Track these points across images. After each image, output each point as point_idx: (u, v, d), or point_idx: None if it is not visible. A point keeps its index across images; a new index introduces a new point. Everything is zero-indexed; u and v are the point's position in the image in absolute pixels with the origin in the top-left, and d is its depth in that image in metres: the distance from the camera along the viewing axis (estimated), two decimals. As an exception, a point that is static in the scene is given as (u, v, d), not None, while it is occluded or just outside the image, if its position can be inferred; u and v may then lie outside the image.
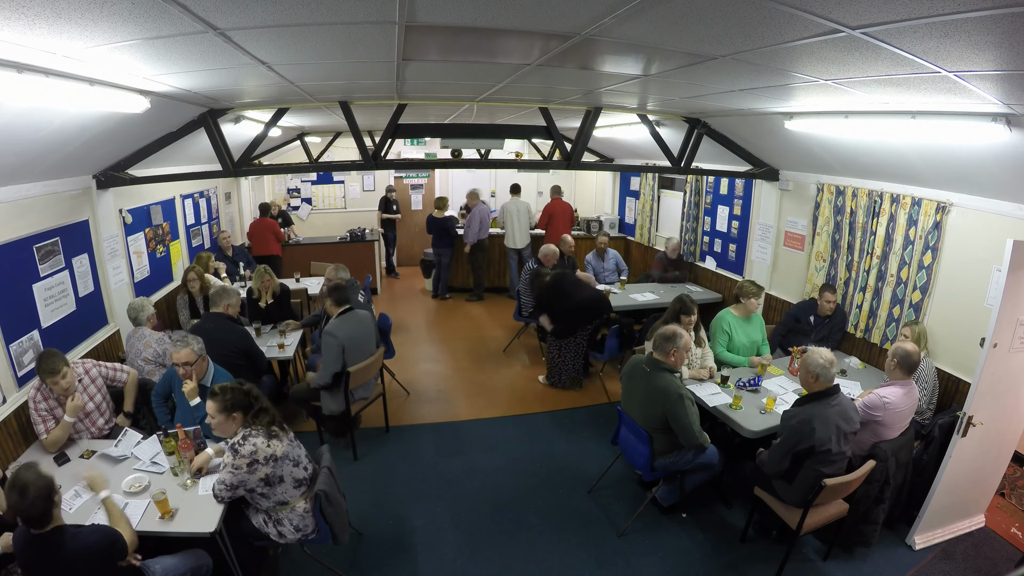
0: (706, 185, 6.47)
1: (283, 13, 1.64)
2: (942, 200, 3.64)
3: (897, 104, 2.73)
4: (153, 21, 1.61)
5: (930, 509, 3.11)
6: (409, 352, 6.04)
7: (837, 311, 4.38)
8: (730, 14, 1.63)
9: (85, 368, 3.16)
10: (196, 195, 6.27)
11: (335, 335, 3.77)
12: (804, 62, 2.15)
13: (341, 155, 9.00)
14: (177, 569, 2.35)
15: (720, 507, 3.57)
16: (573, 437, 4.44)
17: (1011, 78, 1.94)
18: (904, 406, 3.00)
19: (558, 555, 3.17)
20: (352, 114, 3.88)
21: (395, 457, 4.12)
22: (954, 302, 3.64)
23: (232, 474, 2.41)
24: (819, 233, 4.77)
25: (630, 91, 3.39)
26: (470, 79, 3.10)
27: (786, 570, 2.96)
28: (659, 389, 3.08)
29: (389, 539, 3.28)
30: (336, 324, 3.87)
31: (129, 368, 3.42)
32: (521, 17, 1.75)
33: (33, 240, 3.29)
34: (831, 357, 2.84)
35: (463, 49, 2.30)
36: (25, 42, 1.68)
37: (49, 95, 2.22)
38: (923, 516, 3.13)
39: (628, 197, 8.62)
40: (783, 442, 2.84)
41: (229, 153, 4.08)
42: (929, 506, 3.10)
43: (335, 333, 3.78)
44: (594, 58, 2.40)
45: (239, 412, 2.47)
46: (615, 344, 4.91)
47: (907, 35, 1.61)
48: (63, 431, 2.93)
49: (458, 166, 6.75)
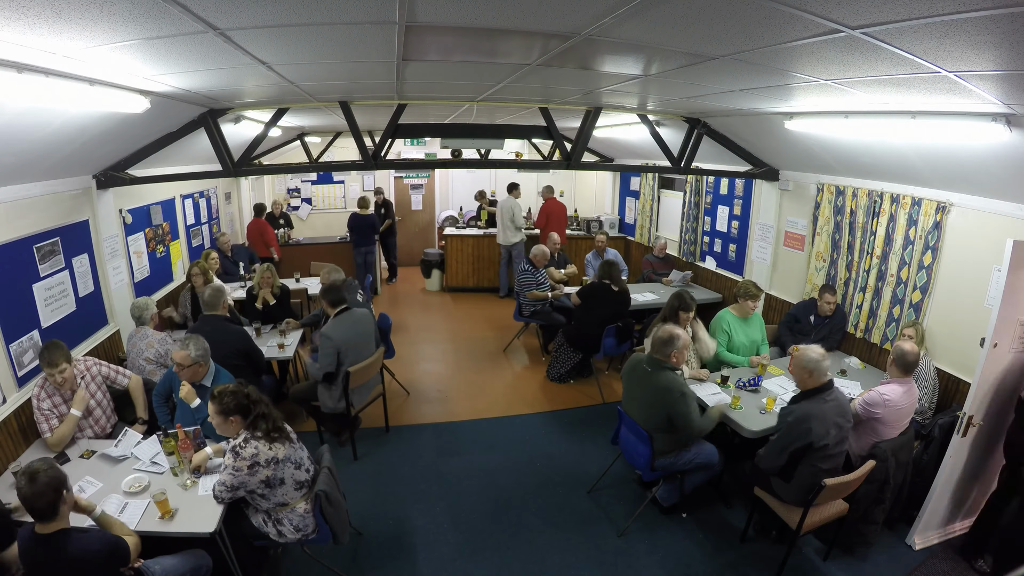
0: (706, 185, 6.47)
1: (283, 13, 1.64)
2: (942, 200, 3.64)
3: (897, 104, 2.73)
4: (153, 21, 1.61)
5: (930, 509, 3.11)
6: (409, 352, 6.04)
7: (837, 311, 4.38)
8: (730, 14, 1.63)
9: (87, 366, 3.16)
10: (196, 195, 6.28)
11: (331, 337, 3.78)
12: (804, 62, 2.15)
13: (341, 155, 9.00)
14: (177, 569, 2.35)
15: (720, 507, 3.57)
16: (573, 437, 4.44)
17: (1011, 78, 1.94)
18: (904, 404, 3.00)
19: (558, 555, 3.17)
20: (352, 114, 3.88)
21: (395, 457, 4.12)
22: (954, 302, 3.64)
23: (233, 475, 2.41)
24: (819, 233, 4.77)
25: (630, 91, 3.39)
26: (470, 79, 3.10)
27: (786, 570, 2.96)
28: (661, 388, 3.08)
29: (389, 539, 3.28)
30: (332, 326, 3.87)
31: (130, 373, 3.40)
32: (521, 17, 1.75)
33: (33, 240, 3.29)
34: (822, 351, 2.86)
35: (463, 49, 2.30)
36: (25, 42, 1.68)
37: (49, 95, 2.22)
38: (923, 516, 3.13)
39: (628, 197, 8.62)
40: (780, 439, 2.85)
41: (229, 153, 4.08)
42: (929, 506, 3.10)
43: (331, 336, 3.78)
44: (594, 58, 2.40)
45: (237, 416, 2.46)
46: (612, 343, 4.91)
47: (907, 35, 1.61)
48: (69, 426, 2.94)
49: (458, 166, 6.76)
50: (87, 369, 3.15)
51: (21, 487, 1.91)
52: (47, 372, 2.86)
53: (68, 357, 2.91)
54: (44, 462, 1.98)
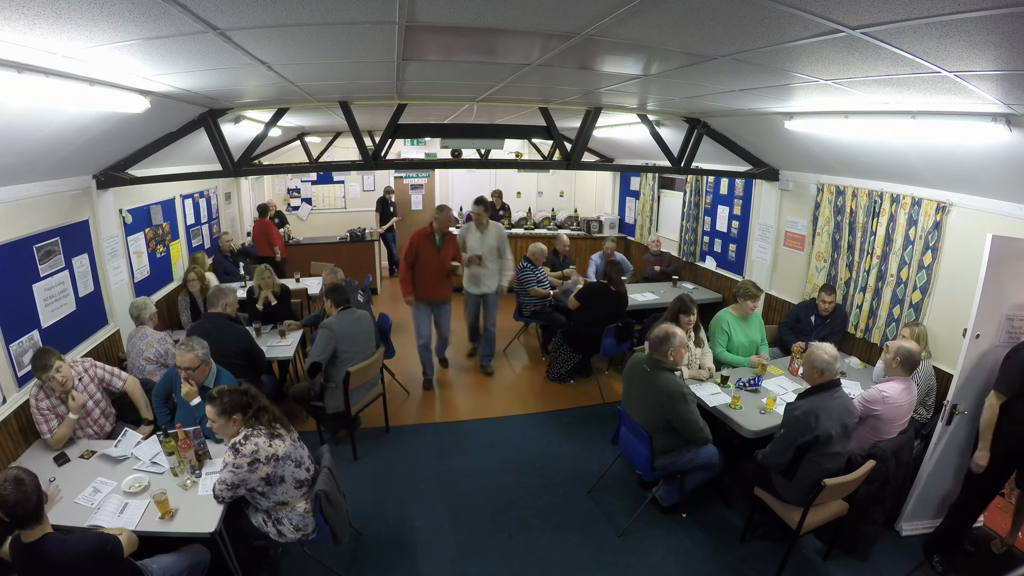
0: (706, 185, 6.47)
1: (283, 13, 1.64)
2: (942, 200, 3.64)
3: (897, 104, 2.73)
4: (153, 21, 1.61)
5: (916, 495, 3.17)
6: (409, 352, 6.03)
7: (837, 311, 4.38)
8: (730, 14, 1.63)
9: (84, 367, 3.16)
10: (196, 195, 6.27)
11: (331, 328, 3.83)
12: (804, 62, 2.15)
13: (341, 155, 8.99)
14: (175, 567, 2.35)
15: (720, 507, 3.57)
16: (573, 437, 4.44)
17: (1011, 78, 1.94)
18: (903, 401, 3.02)
19: (558, 555, 3.17)
20: (352, 114, 3.88)
21: (395, 457, 4.12)
22: (954, 302, 3.64)
23: (233, 473, 2.41)
24: (819, 233, 4.77)
25: (630, 91, 3.39)
26: (470, 79, 3.10)
27: (786, 570, 2.96)
28: (661, 390, 3.08)
29: (389, 539, 3.28)
30: (333, 319, 3.92)
31: (126, 376, 3.36)
32: (521, 17, 1.75)
33: (33, 240, 3.29)
34: (835, 352, 2.89)
35: (463, 49, 2.30)
36: (25, 42, 1.68)
37: (49, 95, 2.22)
38: (910, 502, 3.20)
39: (628, 197, 8.61)
40: (786, 434, 2.86)
41: (229, 153, 4.08)
42: (916, 492, 3.17)
43: (331, 327, 3.84)
44: (594, 58, 2.40)
45: (238, 414, 2.47)
46: (612, 343, 4.92)
47: (907, 35, 1.61)
48: (68, 428, 2.94)
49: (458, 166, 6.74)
50: (85, 371, 3.14)
51: (7, 493, 1.85)
52: (44, 377, 2.85)
53: (59, 355, 2.92)
54: (13, 469, 1.94)
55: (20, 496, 1.87)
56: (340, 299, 4.02)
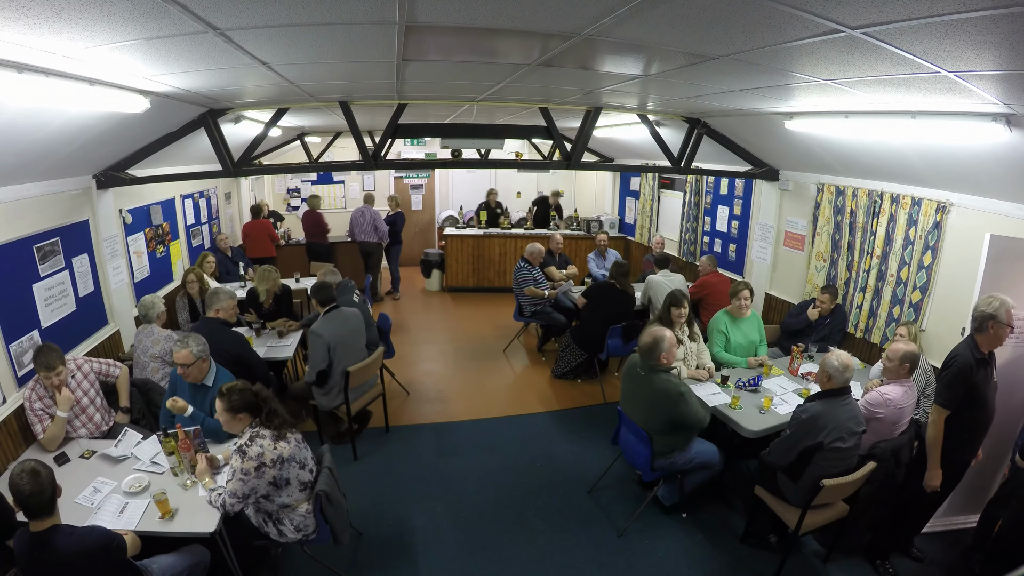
0: (706, 185, 6.48)
1: (283, 13, 1.64)
2: (942, 200, 3.63)
3: (897, 104, 2.73)
4: (153, 21, 1.61)
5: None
6: (409, 352, 6.04)
7: (837, 311, 4.38)
8: (730, 14, 1.63)
9: (77, 364, 3.15)
10: (196, 195, 6.27)
11: (320, 334, 3.79)
12: (804, 62, 2.15)
13: (341, 155, 8.99)
14: (175, 567, 2.35)
15: (720, 507, 3.57)
16: (573, 437, 4.44)
17: (1011, 78, 1.94)
18: (905, 403, 3.02)
19: (558, 555, 3.17)
20: (352, 114, 3.88)
21: (395, 457, 4.12)
22: (954, 302, 3.64)
23: (242, 482, 2.37)
24: (819, 233, 4.77)
25: (630, 91, 3.39)
26: (470, 79, 3.10)
27: (786, 570, 2.96)
28: (660, 392, 3.08)
29: (389, 539, 3.28)
30: (321, 323, 3.89)
31: (121, 365, 3.41)
32: (521, 17, 1.75)
33: (33, 240, 3.29)
34: (848, 362, 2.85)
35: (463, 49, 2.30)
36: (25, 42, 1.68)
37: (49, 95, 2.22)
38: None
39: (628, 197, 8.62)
40: (792, 435, 2.87)
41: (229, 153, 4.08)
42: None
43: (320, 332, 3.80)
44: (594, 58, 2.40)
45: (245, 413, 2.46)
46: (619, 343, 4.92)
47: (907, 35, 1.61)
48: (58, 427, 2.93)
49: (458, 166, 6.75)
50: (78, 368, 3.15)
51: (23, 485, 1.89)
52: (44, 376, 2.86)
53: (63, 360, 2.92)
54: (30, 461, 1.97)
55: (35, 488, 1.89)
56: (325, 298, 3.99)
